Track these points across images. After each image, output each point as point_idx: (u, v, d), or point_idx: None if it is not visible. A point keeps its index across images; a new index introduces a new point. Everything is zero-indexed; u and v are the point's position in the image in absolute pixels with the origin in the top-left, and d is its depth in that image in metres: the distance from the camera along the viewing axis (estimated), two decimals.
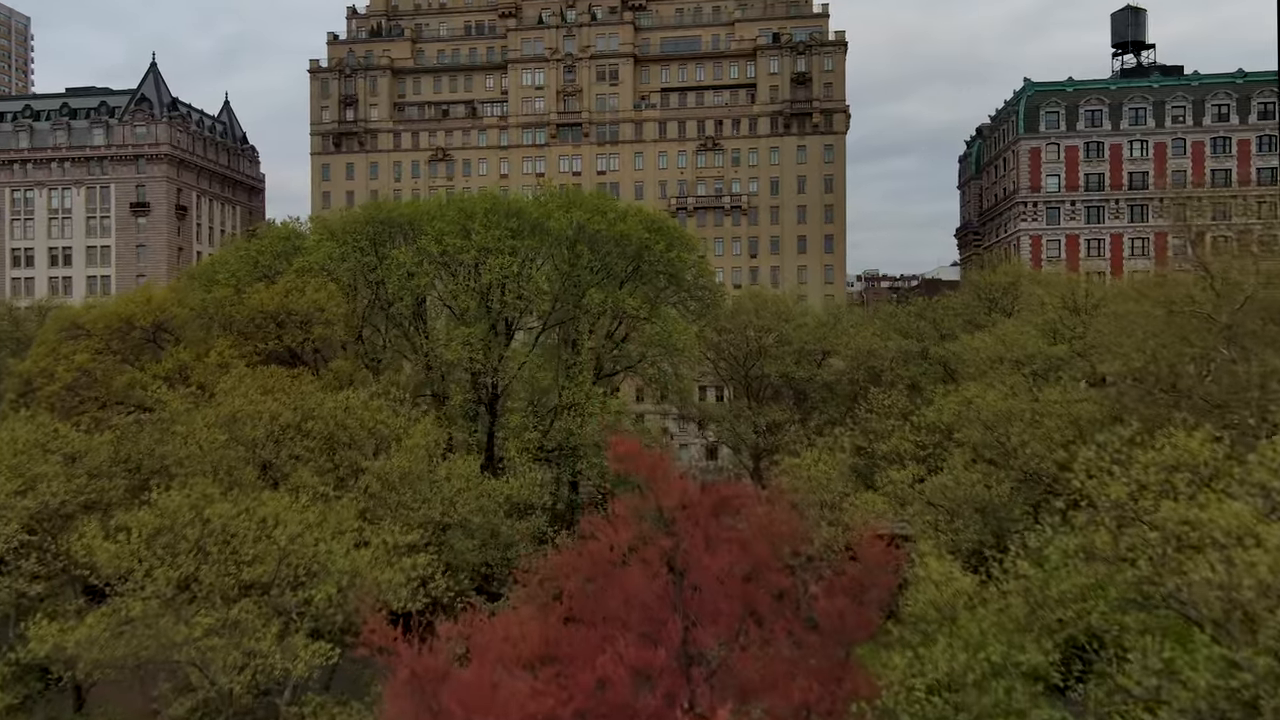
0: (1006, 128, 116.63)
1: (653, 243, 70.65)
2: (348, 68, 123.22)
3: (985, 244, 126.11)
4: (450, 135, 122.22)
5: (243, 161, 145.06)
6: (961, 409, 38.02)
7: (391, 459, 40.97)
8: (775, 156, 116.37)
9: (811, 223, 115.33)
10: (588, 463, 61.41)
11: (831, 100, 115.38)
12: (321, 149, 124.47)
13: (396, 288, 64.07)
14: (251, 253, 67.44)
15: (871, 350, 67.84)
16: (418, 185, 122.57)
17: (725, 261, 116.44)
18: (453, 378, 63.04)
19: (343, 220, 71.47)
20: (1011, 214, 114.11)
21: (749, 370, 73.90)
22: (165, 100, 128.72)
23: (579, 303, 68.28)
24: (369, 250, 68.42)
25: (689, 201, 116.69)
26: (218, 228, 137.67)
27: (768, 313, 74.50)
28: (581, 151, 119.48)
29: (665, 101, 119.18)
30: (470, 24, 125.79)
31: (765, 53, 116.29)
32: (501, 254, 64.18)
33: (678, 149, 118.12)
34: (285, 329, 59.68)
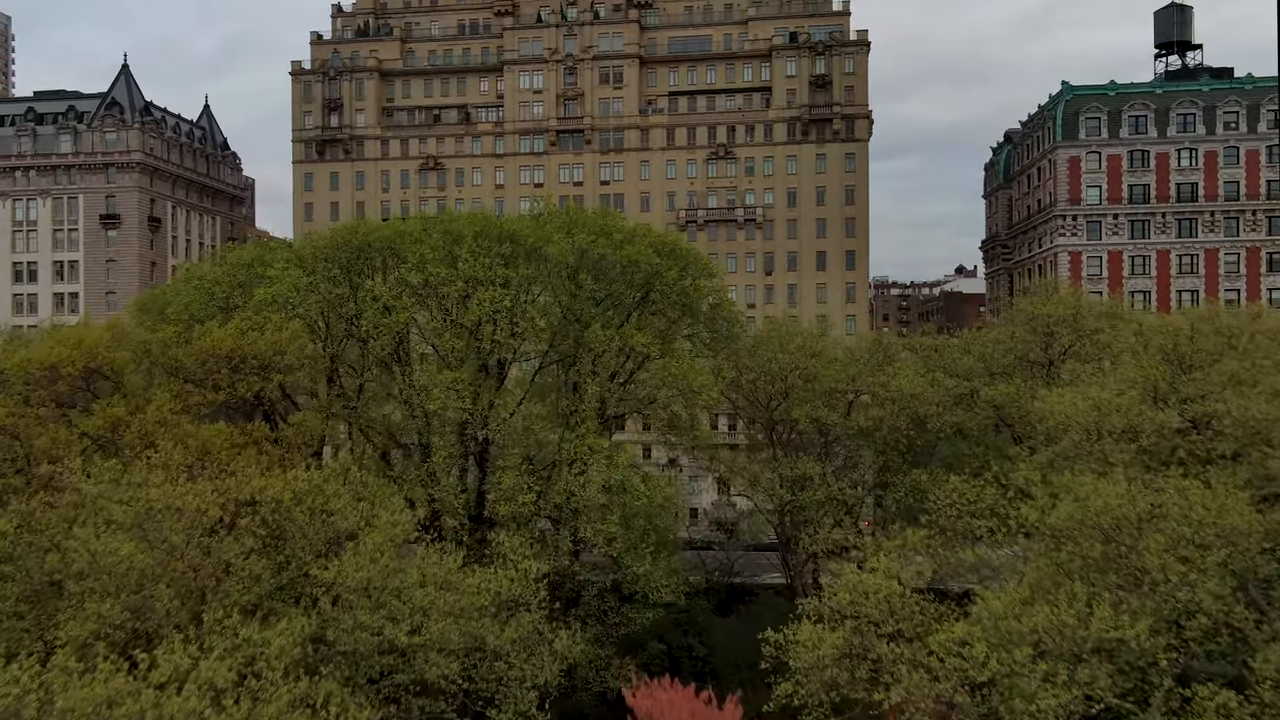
0: (1041, 134, 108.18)
1: (664, 269, 62.39)
2: (332, 70, 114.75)
3: (1016, 259, 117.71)
4: (442, 142, 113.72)
5: (223, 169, 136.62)
6: (1075, 511, 29.63)
7: (352, 559, 32.54)
8: (792, 165, 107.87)
9: (831, 237, 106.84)
10: (591, 527, 52.89)
11: (853, 104, 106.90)
12: (304, 157, 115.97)
13: (372, 324, 55.62)
14: (207, 282, 58.97)
15: (915, 394, 59.41)
16: (407, 196, 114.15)
17: (738, 279, 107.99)
18: (437, 427, 54.45)
19: (313, 244, 63.07)
20: (1048, 228, 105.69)
21: (773, 412, 65.45)
22: (138, 104, 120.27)
23: (581, 339, 60.01)
24: (341, 280, 60.09)
25: (699, 214, 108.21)
26: (196, 240, 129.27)
27: (793, 347, 65.93)
28: (583, 160, 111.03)
29: (673, 106, 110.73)
30: (464, 23, 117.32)
31: (781, 53, 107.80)
32: (492, 285, 55.81)
33: (687, 157, 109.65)
34: (240, 375, 51.25)
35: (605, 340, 57.04)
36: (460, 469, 56.45)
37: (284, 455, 48.09)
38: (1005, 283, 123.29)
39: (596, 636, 54.69)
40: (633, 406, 64.31)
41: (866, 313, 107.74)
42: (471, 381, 55.37)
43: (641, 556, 53.38)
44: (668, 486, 55.66)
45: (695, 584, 60.92)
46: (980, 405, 61.27)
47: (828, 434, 63.89)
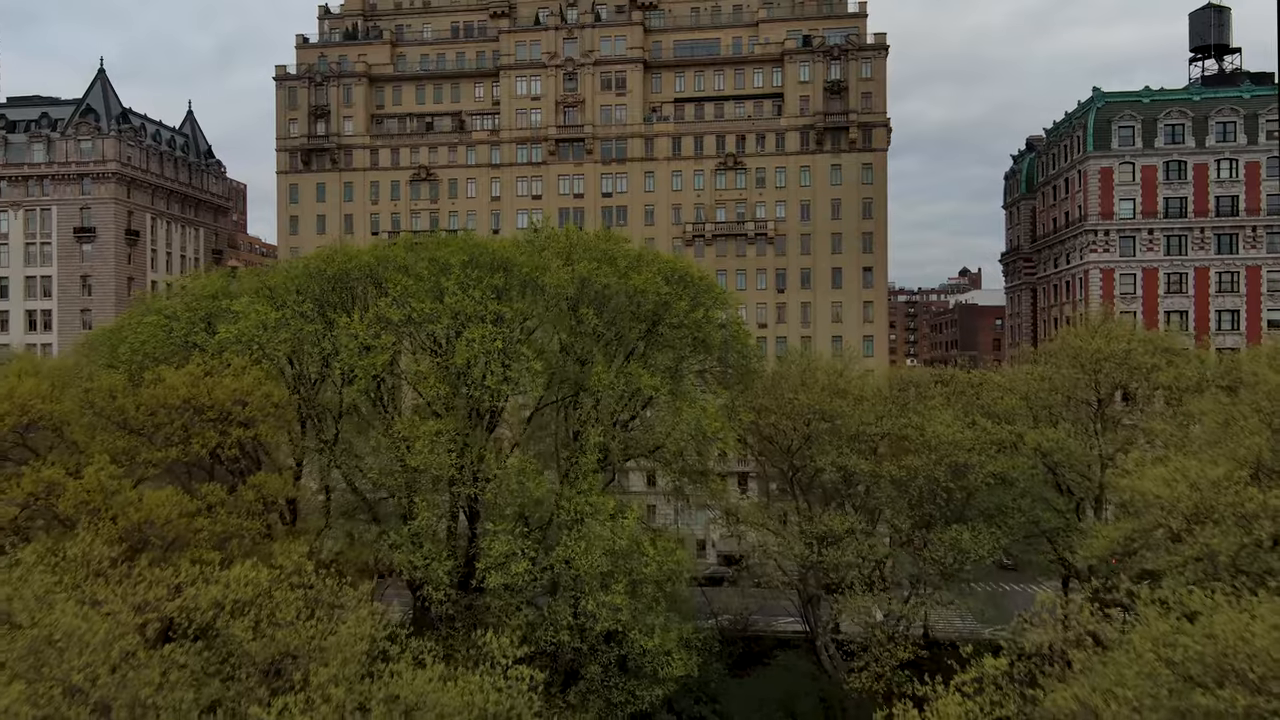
0: (1069, 143, 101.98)
1: (673, 299, 56.35)
2: (318, 75, 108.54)
3: (1041, 274, 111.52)
4: (434, 152, 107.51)
5: (207, 178, 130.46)
6: (1207, 648, 23.49)
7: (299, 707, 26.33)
8: (806, 177, 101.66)
9: (848, 253, 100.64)
10: (594, 599, 46.70)
11: (870, 112, 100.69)
12: (289, 167, 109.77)
13: (347, 365, 49.47)
14: (163, 318, 52.76)
15: (954, 441, 53.30)
16: (397, 208, 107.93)
17: (749, 296, 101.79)
18: (420, 483, 48.20)
19: (285, 273, 56.90)
20: (1077, 243, 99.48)
21: (793, 456, 59.32)
22: (114, 111, 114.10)
23: (581, 380, 53.93)
24: (315, 315, 53.95)
25: (707, 228, 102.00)
26: (177, 253, 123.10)
27: (817, 386, 59.88)
28: (584, 170, 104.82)
29: (679, 113, 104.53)
30: (457, 25, 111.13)
31: (794, 58, 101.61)
32: (483, 322, 49.81)
33: (694, 168, 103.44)
34: (194, 430, 45.07)
35: (609, 383, 51.00)
36: (448, 527, 50.30)
37: (242, 525, 42.02)
38: (1028, 298, 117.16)
39: (599, 715, 48.68)
40: (639, 452, 58.15)
41: (885, 333, 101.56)
42: (459, 430, 49.36)
43: (650, 629, 47.40)
44: (680, 549, 49.40)
45: (707, 639, 55.01)
46: (1026, 451, 55.26)
47: (855, 482, 57.83)
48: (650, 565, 46.97)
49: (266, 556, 41.89)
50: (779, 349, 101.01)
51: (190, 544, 39.95)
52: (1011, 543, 55.38)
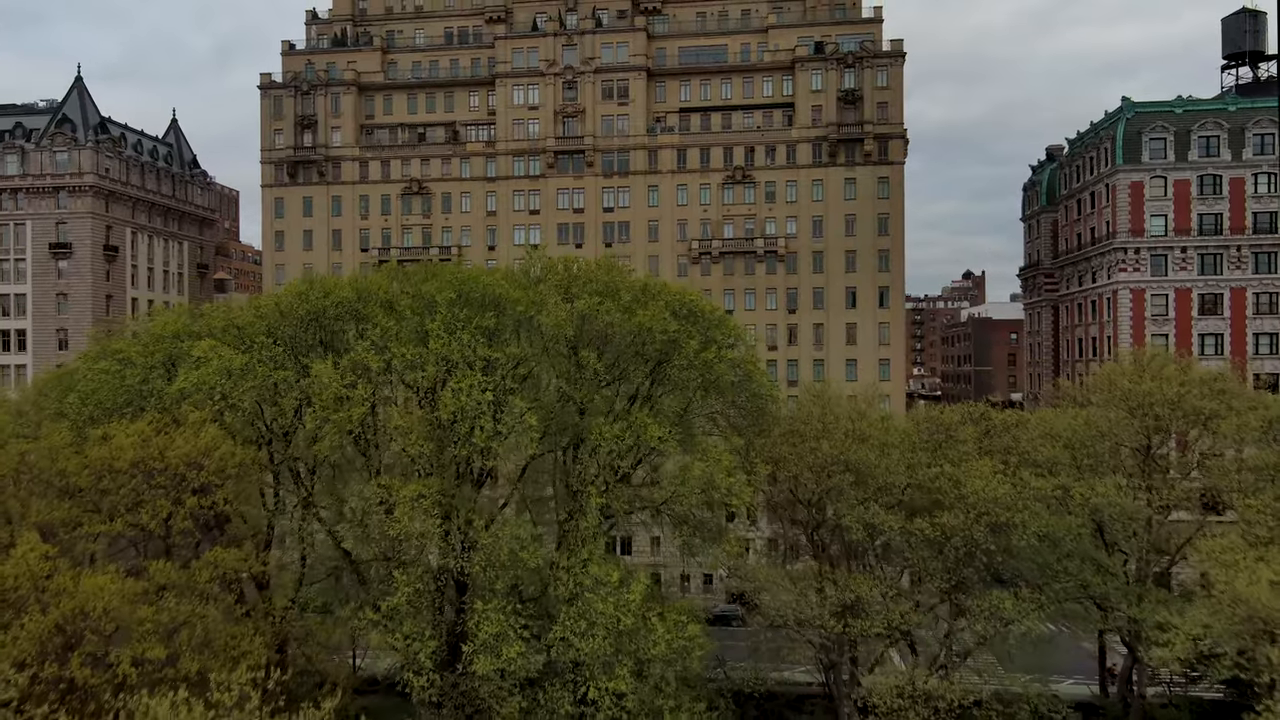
0: (1096, 156, 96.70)
1: (682, 337, 51.14)
2: (305, 83, 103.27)
3: (1064, 292, 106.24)
4: (427, 164, 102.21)
5: (191, 189, 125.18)
6: None
7: None
8: (818, 191, 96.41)
9: (863, 271, 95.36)
10: (596, 685, 41.46)
11: (886, 123, 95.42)
12: (274, 180, 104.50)
13: (319, 419, 44.26)
14: (115, 364, 47.47)
15: (994, 498, 48.04)
16: (388, 223, 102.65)
17: (758, 317, 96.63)
18: (400, 554, 42.92)
19: (256, 309, 51.68)
20: (1105, 261, 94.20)
21: (814, 511, 54.03)
22: (92, 121, 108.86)
23: (581, 432, 48.77)
24: (286, 359, 48.76)
25: (714, 245, 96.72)
26: (159, 268, 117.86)
27: (839, 432, 54.56)
28: (584, 184, 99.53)
29: (685, 124, 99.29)
30: (451, 30, 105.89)
31: (806, 65, 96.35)
32: (472, 370, 44.66)
33: (700, 181, 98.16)
34: (145, 497, 39.85)
35: (612, 436, 45.81)
36: (432, 600, 45.00)
37: (194, 612, 36.77)
38: (1049, 316, 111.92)
39: None
40: (642, 505, 52.91)
41: (903, 356, 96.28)
42: (445, 490, 44.15)
43: (658, 712, 42.31)
44: (692, 623, 44.09)
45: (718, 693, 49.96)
46: (1073, 507, 50.06)
47: (884, 540, 52.55)
48: (659, 645, 41.79)
49: (222, 650, 36.75)
50: (790, 373, 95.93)
51: (134, 636, 34.86)
52: (1057, 609, 50.24)
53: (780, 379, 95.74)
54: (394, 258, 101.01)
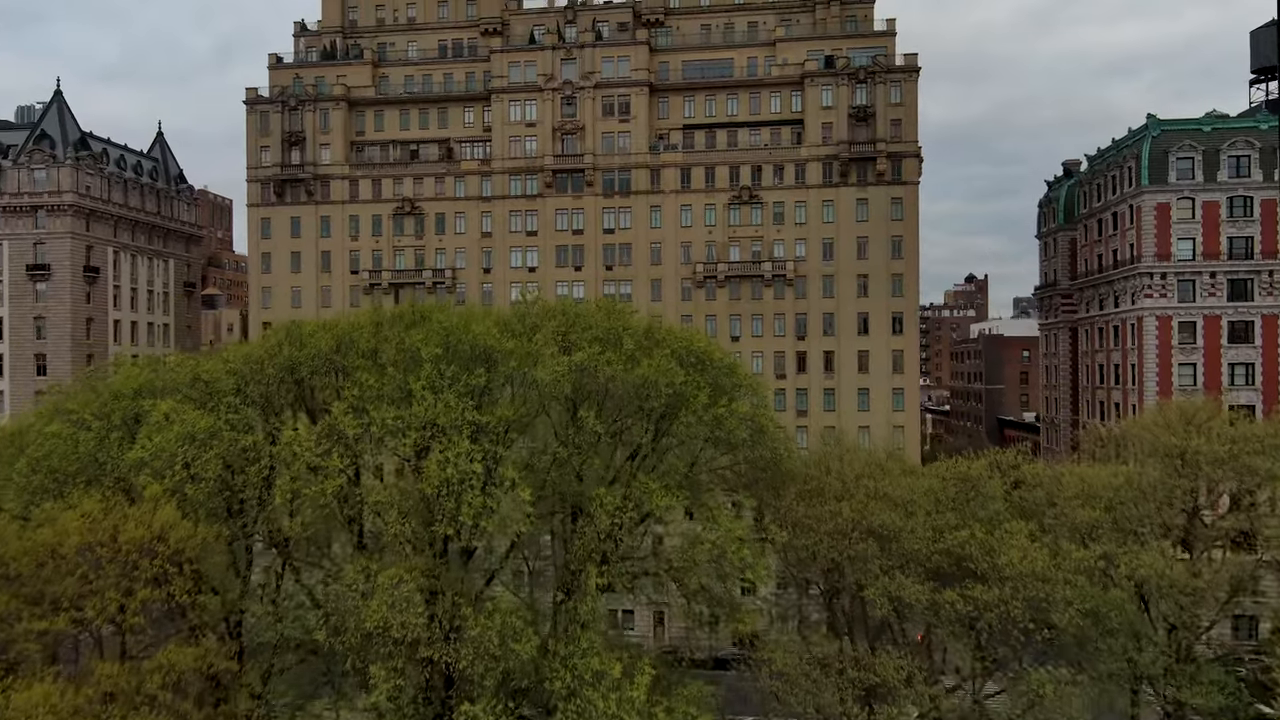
0: (1119, 175, 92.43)
1: (690, 389, 46.91)
2: (293, 98, 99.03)
3: (1084, 315, 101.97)
4: (419, 183, 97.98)
5: (178, 206, 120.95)
6: None
7: None
8: (829, 212, 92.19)
9: (875, 296, 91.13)
10: None
11: (900, 141, 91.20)
12: (260, 199, 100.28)
13: (289, 491, 40.07)
14: (68, 427, 43.21)
15: (1033, 573, 43.89)
16: (379, 245, 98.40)
17: (765, 344, 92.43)
18: (378, 649, 38.64)
19: (226, 361, 47.43)
20: (1128, 286, 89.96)
21: (833, 577, 49.87)
22: (71, 137, 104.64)
23: (580, 501, 44.62)
24: (256, 420, 44.58)
25: (719, 269, 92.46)
26: (144, 288, 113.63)
27: (860, 492, 50.40)
28: (584, 204, 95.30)
29: (689, 141, 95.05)
30: (445, 43, 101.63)
31: (816, 80, 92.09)
32: (460, 435, 40.44)
33: (705, 202, 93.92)
34: (93, 587, 35.67)
35: (612, 506, 41.68)
36: (415, 697, 40.75)
37: None
38: (1066, 339, 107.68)
39: None
40: (644, 569, 48.79)
41: (917, 385, 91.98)
42: (428, 569, 39.91)
43: None
44: (704, 716, 40.00)
45: None
46: (1119, 580, 45.92)
47: (911, 616, 48.36)
48: None
49: None
50: (799, 402, 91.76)
51: None
52: (1101, 692, 46.07)
53: (789, 408, 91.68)
54: (385, 281, 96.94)
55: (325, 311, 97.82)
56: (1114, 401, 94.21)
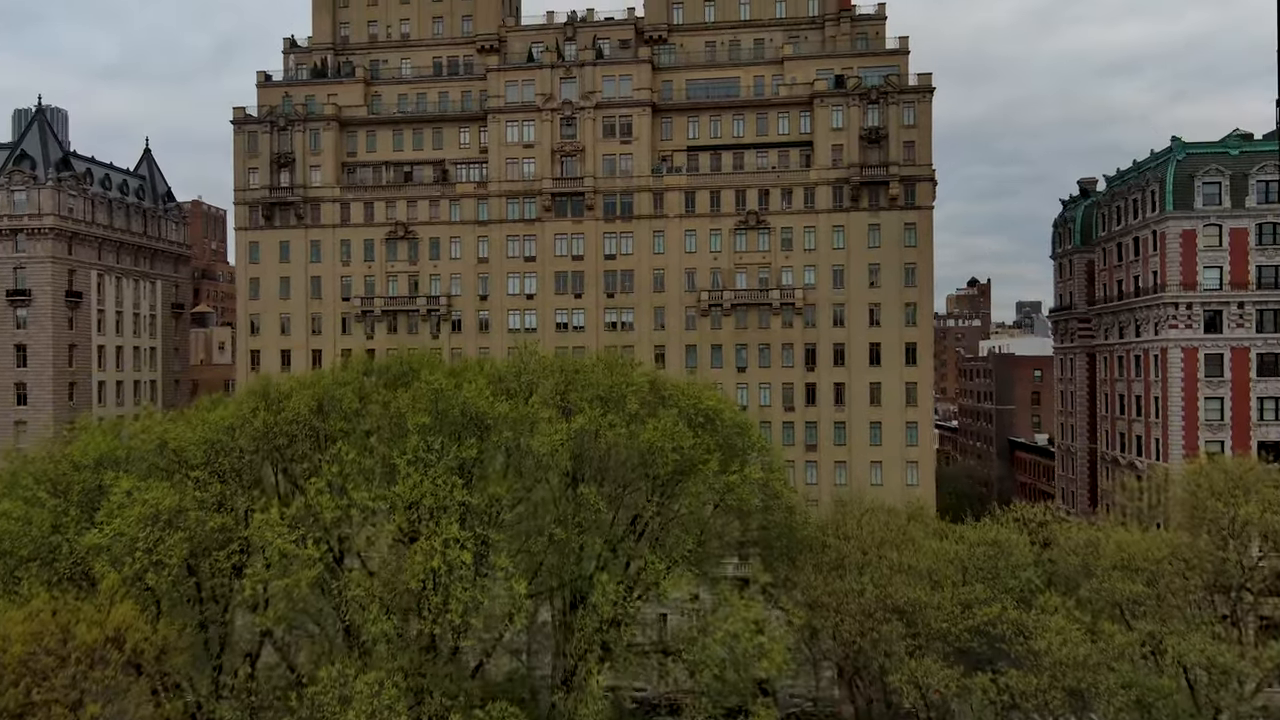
0: (1141, 199, 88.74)
1: (698, 453, 43.39)
2: (282, 118, 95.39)
3: (1102, 342, 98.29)
4: (413, 206, 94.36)
5: (165, 225, 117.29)
6: None
7: None
8: (839, 238, 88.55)
9: (887, 326, 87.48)
10: None
11: (913, 164, 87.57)
12: (248, 222, 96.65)
13: (257, 581, 36.50)
14: (20, 505, 39.53)
15: (1078, 659, 40.35)
16: (371, 270, 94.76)
17: (773, 375, 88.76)
18: None
19: (197, 426, 43.74)
20: (1151, 315, 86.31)
21: (856, 658, 46.29)
22: (53, 157, 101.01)
23: (580, 586, 41.11)
24: (229, 495, 41.00)
25: (725, 296, 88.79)
26: (129, 312, 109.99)
27: (883, 565, 46.85)
28: (584, 229, 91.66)
29: (693, 164, 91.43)
30: (440, 60, 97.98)
31: (825, 101, 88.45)
32: (448, 516, 36.92)
33: (710, 227, 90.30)
34: (35, 699, 32.05)
35: (614, 594, 38.09)
36: None
37: None
38: (1084, 364, 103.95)
39: None
40: (652, 651, 45.19)
41: (930, 418, 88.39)
42: (413, 667, 36.35)
43: None
44: None
45: None
46: (1166, 665, 42.24)
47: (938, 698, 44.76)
48: None
49: None
50: (808, 435, 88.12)
51: None
52: None
53: (797, 442, 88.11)
54: (378, 308, 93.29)
55: (315, 339, 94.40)
56: (1135, 434, 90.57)
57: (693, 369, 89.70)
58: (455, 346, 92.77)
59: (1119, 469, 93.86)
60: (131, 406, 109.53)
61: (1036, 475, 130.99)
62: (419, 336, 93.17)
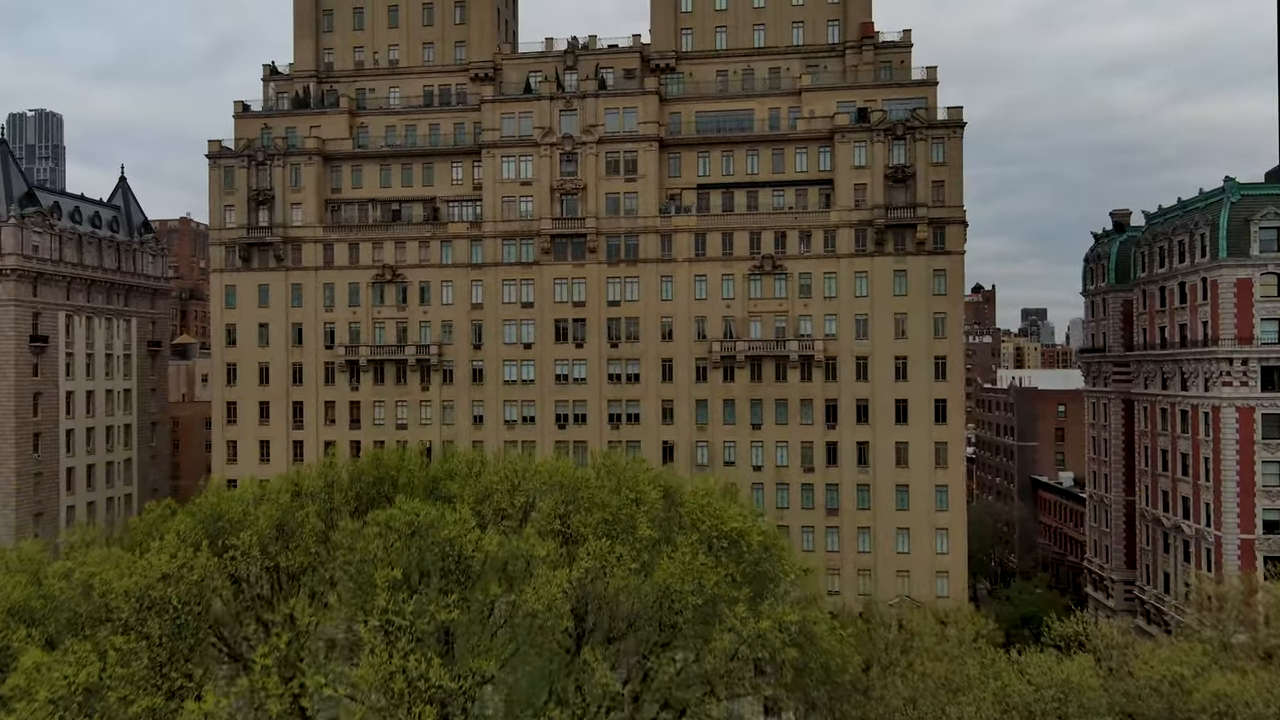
0: (1188, 241, 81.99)
1: (722, 590, 36.76)
2: (260, 151, 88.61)
3: (1142, 390, 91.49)
4: (402, 247, 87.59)
5: (141, 258, 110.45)
6: None
7: None
8: (862, 285, 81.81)
9: (915, 380, 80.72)
10: None
11: (943, 205, 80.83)
12: (225, 264, 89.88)
13: None
14: None
15: None
16: (356, 316, 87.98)
17: (790, 432, 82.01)
18: None
19: (128, 575, 36.84)
20: (1201, 369, 79.54)
21: None
22: (17, 192, 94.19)
23: None
24: (163, 660, 34.24)
25: (738, 348, 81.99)
26: (101, 353, 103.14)
27: (926, 706, 40.14)
28: (585, 273, 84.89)
29: (704, 203, 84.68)
30: (430, 89, 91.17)
31: (847, 136, 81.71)
32: (420, 701, 30.23)
33: (722, 271, 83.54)
34: None
35: None
36: None
37: None
38: (1119, 411, 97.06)
39: None
40: None
41: (963, 479, 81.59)
42: None
43: None
44: None
45: None
46: None
47: None
48: None
49: None
50: (829, 499, 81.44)
51: None
52: None
53: (817, 505, 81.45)
54: (363, 357, 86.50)
55: (297, 390, 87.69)
56: (1181, 494, 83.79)
57: (703, 425, 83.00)
58: (446, 399, 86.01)
59: (1161, 530, 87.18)
60: (103, 454, 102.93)
61: (1062, 518, 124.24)
62: (407, 388, 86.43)
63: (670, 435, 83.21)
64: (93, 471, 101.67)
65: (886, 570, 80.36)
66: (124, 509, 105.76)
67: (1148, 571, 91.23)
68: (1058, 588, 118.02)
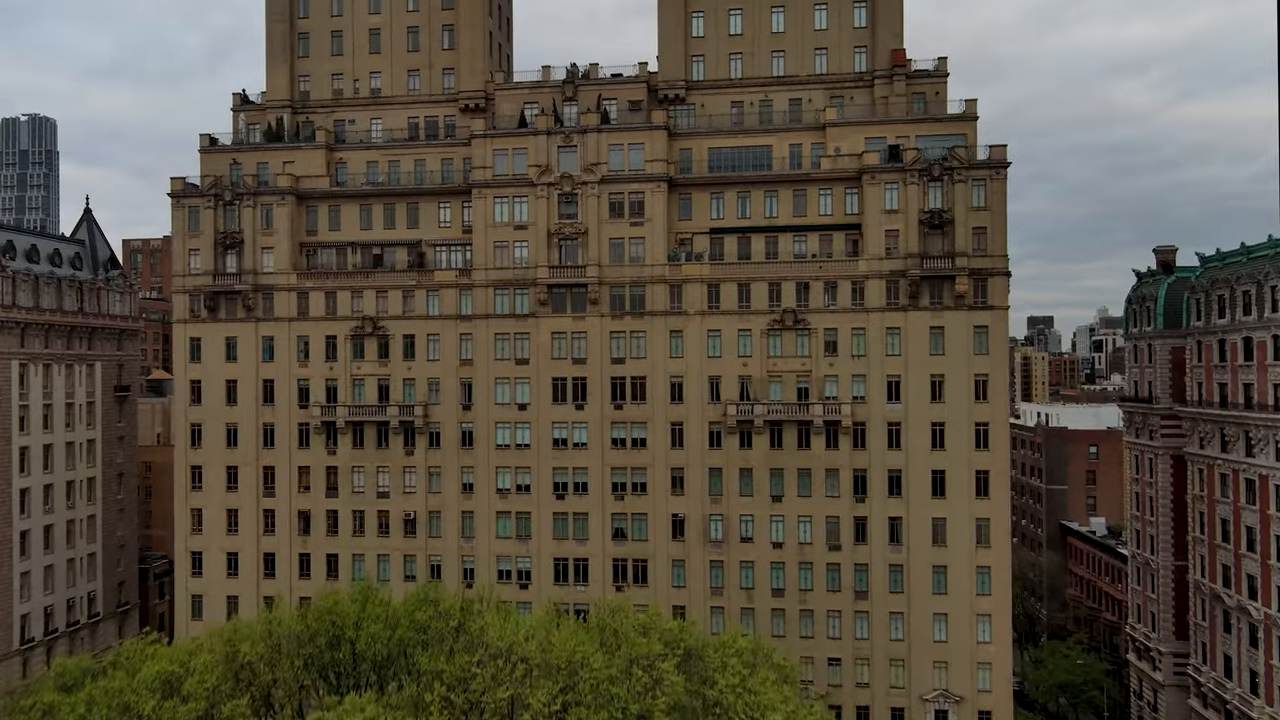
0: (1255, 292, 73.84)
1: None
2: (228, 190, 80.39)
3: (1195, 449, 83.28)
4: (384, 297, 79.40)
5: (107, 298, 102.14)
6: None
7: None
8: (894, 343, 73.62)
9: (953, 449, 72.54)
10: None
11: (984, 254, 72.71)
12: (189, 313, 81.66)
13: None
14: None
15: None
16: (333, 372, 79.77)
17: (814, 506, 73.85)
18: None
19: None
20: (1273, 437, 71.37)
21: None
22: None
23: None
24: None
25: (756, 411, 73.80)
26: (60, 403, 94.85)
27: None
28: (586, 326, 76.70)
29: (717, 250, 76.50)
30: (416, 122, 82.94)
31: (877, 177, 73.52)
32: None
33: (738, 326, 75.35)
34: None
35: None
36: None
37: None
38: (1167, 468, 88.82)
39: None
40: None
41: (1007, 564, 73.24)
42: None
43: None
44: None
45: None
46: None
47: None
48: None
49: None
50: (858, 581, 73.21)
51: None
52: None
53: (844, 587, 73.30)
54: (341, 418, 78.29)
55: (268, 454, 79.43)
56: (1246, 571, 75.59)
57: (717, 497, 74.84)
58: (433, 465, 77.81)
59: (1222, 607, 79.02)
60: (64, 512, 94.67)
61: (1096, 571, 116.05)
62: (389, 451, 78.24)
63: (680, 507, 75.05)
64: (51, 533, 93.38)
65: (922, 660, 72.19)
66: (87, 571, 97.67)
67: (1204, 650, 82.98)
68: (1093, 647, 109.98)
